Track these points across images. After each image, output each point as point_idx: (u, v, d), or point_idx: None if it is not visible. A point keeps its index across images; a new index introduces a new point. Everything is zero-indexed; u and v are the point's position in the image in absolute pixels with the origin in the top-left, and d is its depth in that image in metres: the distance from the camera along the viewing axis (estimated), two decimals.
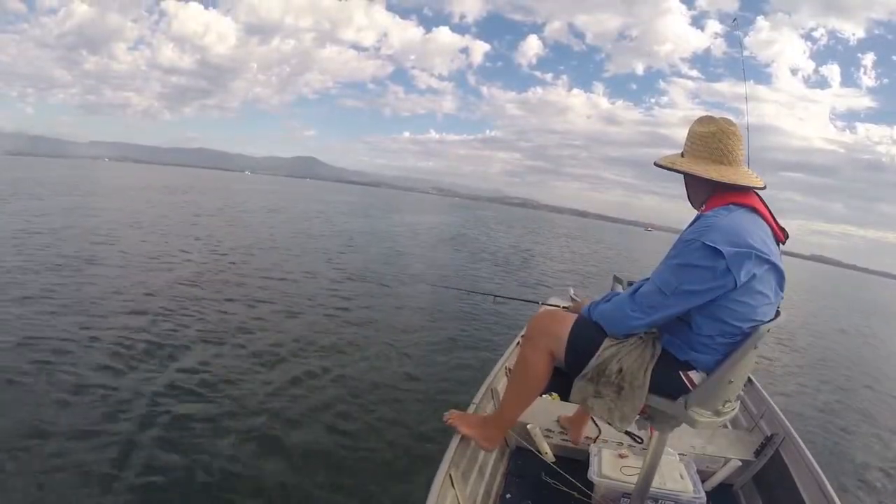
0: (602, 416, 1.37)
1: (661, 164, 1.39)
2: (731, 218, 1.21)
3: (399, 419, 3.18)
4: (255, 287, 6.33)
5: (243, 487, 2.35)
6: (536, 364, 1.48)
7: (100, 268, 6.38)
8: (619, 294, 1.39)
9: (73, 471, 2.29)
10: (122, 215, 13.04)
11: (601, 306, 1.41)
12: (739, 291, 1.19)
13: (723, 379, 1.26)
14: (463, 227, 26.29)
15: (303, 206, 27.97)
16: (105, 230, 9.73)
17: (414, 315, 5.89)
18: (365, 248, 12.14)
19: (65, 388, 3.05)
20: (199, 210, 17.30)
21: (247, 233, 12.24)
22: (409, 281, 8.17)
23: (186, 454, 2.52)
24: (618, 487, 1.72)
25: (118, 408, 2.88)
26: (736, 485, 2.00)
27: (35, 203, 13.79)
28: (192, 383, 3.32)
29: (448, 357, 4.53)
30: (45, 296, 4.84)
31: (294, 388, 3.44)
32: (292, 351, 4.17)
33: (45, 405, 2.83)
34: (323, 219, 20.04)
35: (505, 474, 1.93)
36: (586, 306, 1.49)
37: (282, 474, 2.48)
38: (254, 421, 2.94)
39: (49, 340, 3.71)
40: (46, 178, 27.65)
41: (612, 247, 29.79)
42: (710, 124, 1.33)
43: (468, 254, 13.74)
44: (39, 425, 2.62)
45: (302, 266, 8.25)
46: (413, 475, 2.54)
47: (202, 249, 8.77)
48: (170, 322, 4.47)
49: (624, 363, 1.32)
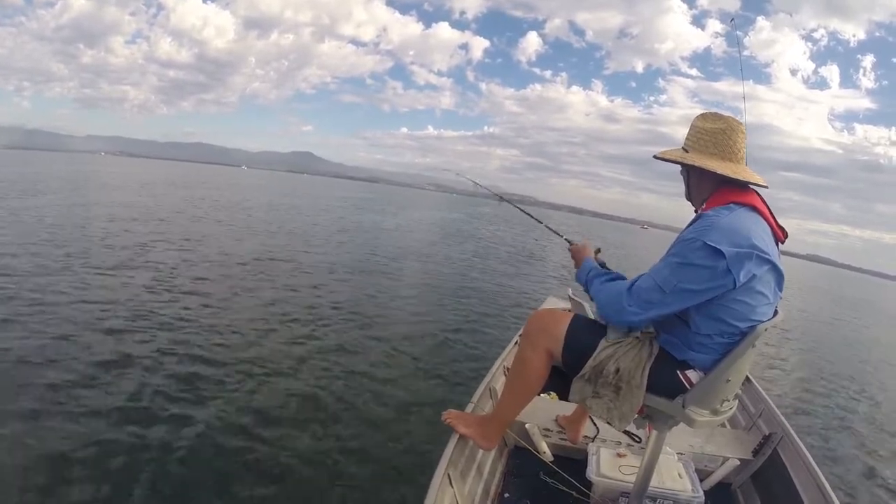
0: (601, 416, 1.37)
1: (668, 157, 1.35)
2: (732, 217, 1.20)
3: (397, 418, 3.17)
4: (257, 284, 6.33)
5: (241, 487, 2.34)
6: (534, 363, 1.48)
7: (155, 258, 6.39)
8: (618, 281, 1.38)
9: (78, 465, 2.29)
10: (163, 212, 13.47)
11: (598, 286, 1.39)
12: (739, 291, 1.18)
13: (720, 378, 1.26)
14: (465, 223, 26.35)
15: (313, 202, 29.08)
16: (157, 227, 10.29)
17: (413, 314, 5.88)
18: (367, 245, 12.12)
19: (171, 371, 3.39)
20: (227, 205, 18.05)
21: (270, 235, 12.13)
22: (407, 278, 8.17)
23: (184, 453, 2.52)
24: (616, 487, 1.72)
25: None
26: (734, 484, 2.00)
27: (65, 197, 14.47)
28: (182, 383, 3.31)
29: (446, 356, 4.53)
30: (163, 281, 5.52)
31: (293, 388, 3.43)
32: (292, 350, 4.16)
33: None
34: (335, 214, 20.79)
35: (503, 473, 1.93)
36: (585, 266, 1.48)
37: (280, 474, 2.47)
38: (253, 420, 2.93)
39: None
40: (57, 173, 27.95)
41: (610, 244, 29.79)
42: (718, 121, 1.31)
43: (468, 250, 13.72)
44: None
45: (302, 262, 8.23)
46: (411, 474, 2.53)
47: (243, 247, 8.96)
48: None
49: (621, 363, 1.32)
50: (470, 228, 23.47)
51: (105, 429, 2.65)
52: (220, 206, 18.04)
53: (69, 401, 2.87)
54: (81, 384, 3.09)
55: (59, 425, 2.62)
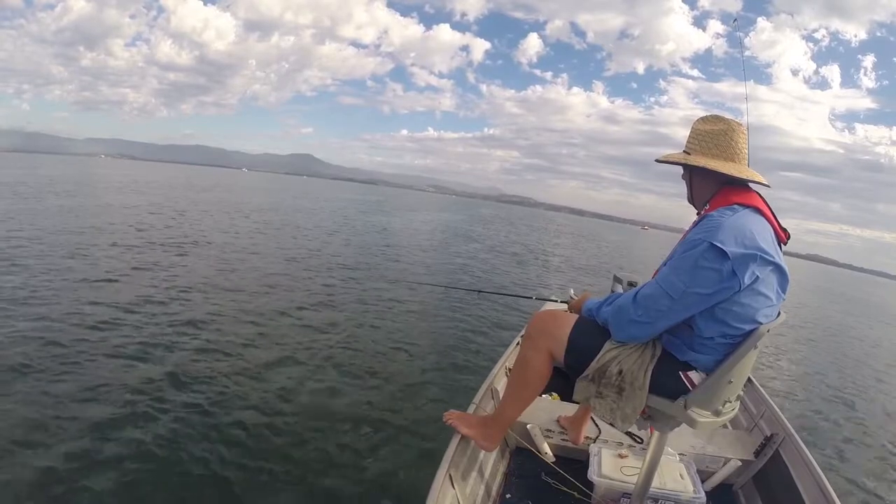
0: (604, 417, 1.37)
1: (672, 159, 1.36)
2: (736, 218, 1.20)
3: (399, 418, 3.17)
4: (259, 285, 6.35)
5: (240, 486, 2.35)
6: (536, 364, 1.48)
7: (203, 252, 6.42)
8: (621, 296, 1.37)
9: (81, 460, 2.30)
10: (181, 215, 13.77)
11: (604, 310, 1.38)
12: (743, 293, 1.18)
13: (722, 379, 1.26)
14: (465, 224, 26.38)
15: (322, 204, 30.27)
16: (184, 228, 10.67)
17: (414, 314, 5.88)
18: (370, 244, 12.15)
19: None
20: (252, 209, 18.81)
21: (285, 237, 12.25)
22: (409, 279, 8.16)
23: (182, 453, 2.52)
24: (618, 487, 1.72)
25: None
26: (736, 485, 2.00)
27: (86, 200, 15.02)
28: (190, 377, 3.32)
29: (448, 357, 4.53)
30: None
31: (293, 388, 3.43)
32: (292, 349, 4.16)
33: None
34: (339, 216, 21.34)
35: (505, 474, 1.93)
36: (587, 306, 1.49)
37: (281, 473, 2.47)
38: (252, 420, 2.93)
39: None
40: (67, 177, 28.56)
41: (611, 245, 29.83)
42: (719, 122, 1.32)
43: (470, 250, 13.73)
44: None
45: (301, 262, 8.26)
46: (413, 475, 2.53)
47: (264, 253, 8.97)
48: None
49: (624, 365, 1.31)
50: (470, 229, 23.49)
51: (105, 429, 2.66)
52: (253, 209, 19.10)
53: (86, 399, 2.90)
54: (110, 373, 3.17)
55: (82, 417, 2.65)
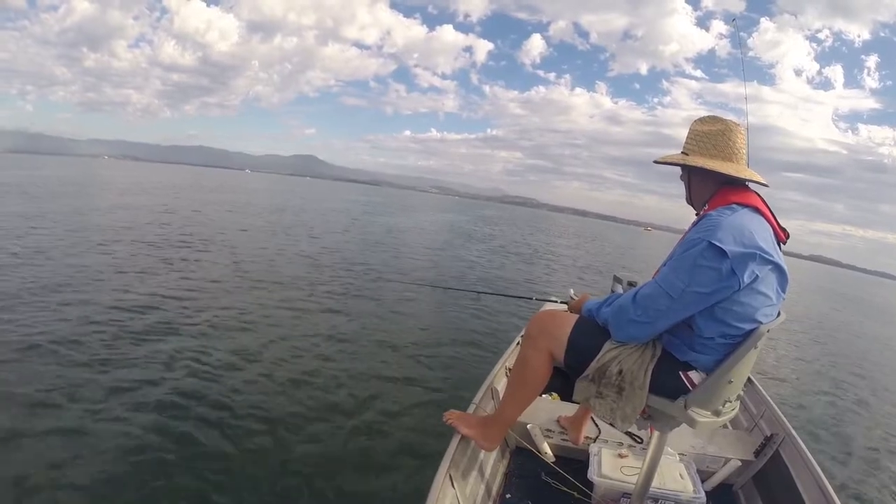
0: (604, 417, 1.37)
1: (670, 160, 1.36)
2: (735, 217, 1.20)
3: (399, 419, 3.18)
4: (263, 284, 6.36)
5: (242, 486, 2.35)
6: (536, 364, 1.48)
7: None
8: (620, 296, 1.37)
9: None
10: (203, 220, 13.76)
11: (603, 310, 1.39)
12: (742, 292, 1.18)
13: (722, 379, 1.26)
14: (468, 224, 26.39)
15: (327, 204, 30.70)
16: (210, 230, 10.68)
17: (414, 314, 5.88)
18: (372, 245, 12.16)
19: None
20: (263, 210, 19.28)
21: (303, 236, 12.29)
22: (411, 280, 8.16)
23: (181, 453, 2.53)
24: (618, 487, 1.72)
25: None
26: (736, 485, 2.00)
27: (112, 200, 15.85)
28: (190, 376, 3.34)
29: (448, 357, 4.53)
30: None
31: (293, 388, 3.44)
32: (292, 348, 4.17)
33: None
34: (344, 217, 21.49)
35: (505, 474, 1.93)
36: (586, 306, 1.49)
37: (280, 473, 2.48)
38: (252, 420, 2.94)
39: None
40: (73, 178, 28.88)
41: (613, 246, 29.80)
42: (716, 123, 1.33)
43: (473, 251, 13.73)
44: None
45: (302, 261, 8.28)
46: (413, 475, 2.53)
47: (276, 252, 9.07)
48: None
49: (624, 365, 1.32)
50: (473, 230, 23.49)
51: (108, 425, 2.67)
52: (262, 210, 19.53)
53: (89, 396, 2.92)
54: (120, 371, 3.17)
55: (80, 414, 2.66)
